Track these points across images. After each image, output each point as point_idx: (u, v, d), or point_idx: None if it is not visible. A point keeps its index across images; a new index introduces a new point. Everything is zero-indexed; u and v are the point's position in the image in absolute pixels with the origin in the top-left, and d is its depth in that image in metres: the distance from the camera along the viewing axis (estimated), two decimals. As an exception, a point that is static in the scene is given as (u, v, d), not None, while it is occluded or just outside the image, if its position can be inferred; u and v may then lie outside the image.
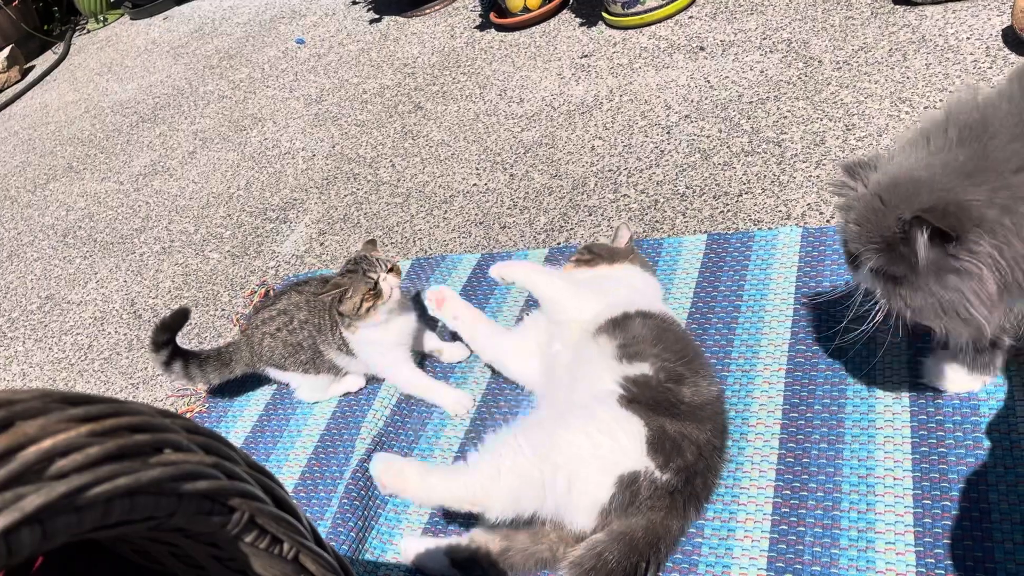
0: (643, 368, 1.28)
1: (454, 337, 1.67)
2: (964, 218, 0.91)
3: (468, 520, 1.37)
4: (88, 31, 5.42)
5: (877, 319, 1.07)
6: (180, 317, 1.72)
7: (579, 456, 1.18)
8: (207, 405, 1.88)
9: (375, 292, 1.54)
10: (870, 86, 1.96)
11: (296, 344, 1.67)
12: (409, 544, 1.34)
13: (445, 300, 1.58)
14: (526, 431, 1.22)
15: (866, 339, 1.14)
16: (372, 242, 1.67)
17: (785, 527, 1.19)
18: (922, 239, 0.93)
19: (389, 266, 1.57)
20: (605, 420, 1.20)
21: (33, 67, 5.17)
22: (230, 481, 0.66)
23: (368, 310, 1.54)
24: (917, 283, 0.98)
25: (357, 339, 1.60)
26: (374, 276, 1.54)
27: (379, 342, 1.60)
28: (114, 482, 0.54)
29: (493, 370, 1.63)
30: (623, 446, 1.18)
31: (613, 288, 1.47)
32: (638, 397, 1.24)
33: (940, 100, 1.80)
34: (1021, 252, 0.92)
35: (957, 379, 1.25)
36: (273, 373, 1.76)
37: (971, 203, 0.92)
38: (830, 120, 1.91)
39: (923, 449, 1.20)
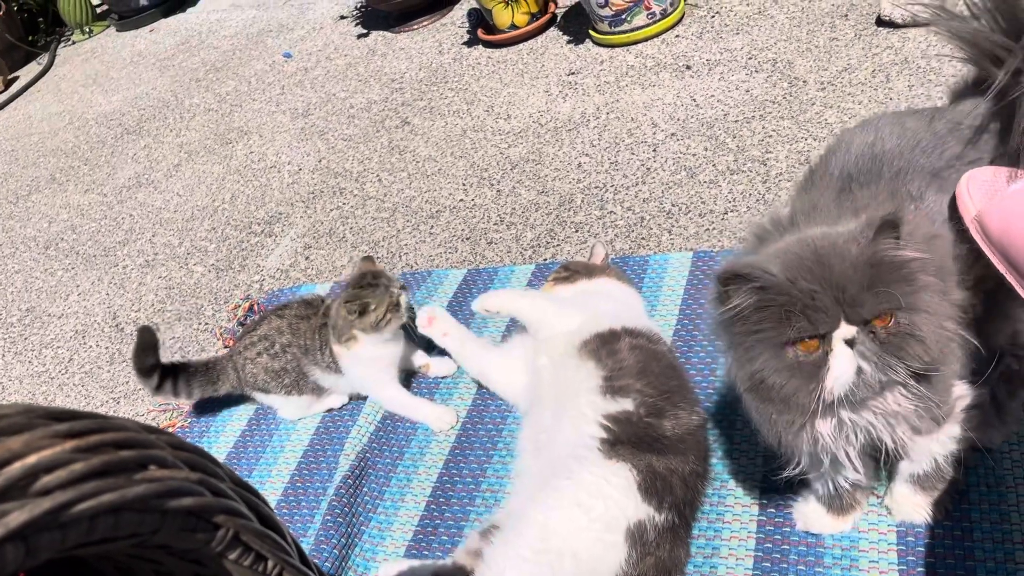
0: (625, 404, 1.26)
1: (438, 350, 1.68)
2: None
3: (453, 539, 1.37)
4: (73, 42, 5.39)
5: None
6: (149, 335, 1.68)
7: (576, 529, 1.15)
8: (189, 420, 1.87)
9: (396, 306, 1.60)
10: (854, 106, 1.98)
11: (279, 369, 1.67)
12: (389, 569, 1.31)
13: (435, 319, 1.60)
14: (518, 528, 1.18)
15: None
16: (369, 259, 1.69)
17: (770, 545, 1.19)
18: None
19: (400, 283, 1.64)
20: (592, 481, 1.18)
21: (17, 78, 5.14)
22: (215, 498, 0.66)
23: (388, 323, 1.59)
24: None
25: (351, 355, 1.61)
26: (395, 291, 1.61)
27: (373, 361, 1.62)
28: (99, 499, 0.54)
29: (479, 386, 1.63)
30: (618, 502, 1.15)
31: (595, 301, 1.48)
32: (621, 437, 1.22)
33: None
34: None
35: (819, 520, 1.18)
36: (258, 396, 1.77)
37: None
38: (815, 140, 1.93)
39: (906, 467, 1.21)
